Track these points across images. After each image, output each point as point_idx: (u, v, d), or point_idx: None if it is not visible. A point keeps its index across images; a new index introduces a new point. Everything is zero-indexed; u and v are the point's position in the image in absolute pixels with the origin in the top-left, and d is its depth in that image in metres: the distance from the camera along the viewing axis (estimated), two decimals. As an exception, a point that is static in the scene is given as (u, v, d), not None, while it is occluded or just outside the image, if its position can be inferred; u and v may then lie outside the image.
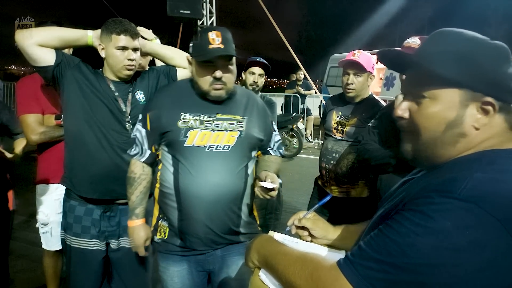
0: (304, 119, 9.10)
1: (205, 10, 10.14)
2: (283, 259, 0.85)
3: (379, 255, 0.68)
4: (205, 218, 1.56)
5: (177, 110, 1.59)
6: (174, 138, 1.56)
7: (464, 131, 0.75)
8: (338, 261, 0.74)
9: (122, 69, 1.82)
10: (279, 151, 1.83)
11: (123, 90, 1.87)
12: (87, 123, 1.80)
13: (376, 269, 0.68)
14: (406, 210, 0.70)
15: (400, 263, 0.65)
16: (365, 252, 0.71)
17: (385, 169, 1.87)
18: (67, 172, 1.91)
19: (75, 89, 1.80)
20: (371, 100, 2.41)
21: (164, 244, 1.66)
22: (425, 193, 0.69)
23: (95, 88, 1.82)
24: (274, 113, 2.73)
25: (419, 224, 0.66)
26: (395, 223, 0.70)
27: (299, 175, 6.31)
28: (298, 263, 0.81)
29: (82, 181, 1.85)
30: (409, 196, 0.74)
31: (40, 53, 1.75)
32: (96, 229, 1.88)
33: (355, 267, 0.70)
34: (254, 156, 1.72)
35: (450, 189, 0.67)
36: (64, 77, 1.80)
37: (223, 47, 1.50)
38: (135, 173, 1.66)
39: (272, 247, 0.93)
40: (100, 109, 1.81)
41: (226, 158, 1.57)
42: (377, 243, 0.70)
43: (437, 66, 0.75)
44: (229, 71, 1.57)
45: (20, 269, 3.04)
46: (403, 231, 0.67)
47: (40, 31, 1.77)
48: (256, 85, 2.69)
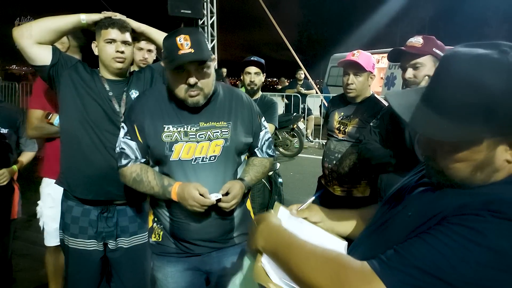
0: (304, 119, 9.10)
1: (205, 10, 10.15)
2: (299, 252, 0.78)
3: (423, 265, 0.64)
4: (197, 227, 1.54)
5: (159, 122, 1.52)
6: (159, 153, 1.51)
7: (496, 167, 0.72)
8: (370, 263, 0.70)
9: (112, 62, 1.81)
10: (267, 151, 1.73)
11: (118, 89, 1.86)
12: (81, 123, 1.79)
13: (419, 279, 0.64)
14: (453, 224, 0.66)
15: (449, 279, 0.62)
16: (405, 259, 0.67)
17: (386, 168, 1.88)
18: (62, 173, 1.91)
19: (70, 89, 1.80)
20: (372, 100, 2.41)
21: (158, 246, 1.64)
22: (473, 211, 0.66)
23: (90, 88, 1.81)
24: (275, 113, 2.74)
25: (472, 241, 0.62)
26: (441, 235, 0.65)
27: (300, 174, 6.31)
28: (319, 258, 0.75)
29: (77, 182, 1.85)
30: (445, 209, 0.70)
31: (38, 52, 1.75)
32: (94, 230, 1.88)
33: (394, 273, 0.66)
34: (244, 160, 1.67)
35: (503, 210, 0.64)
36: (60, 77, 1.80)
37: (193, 51, 1.40)
38: (135, 170, 1.55)
39: (283, 237, 0.86)
40: (94, 110, 1.80)
41: (213, 169, 1.52)
42: (421, 252, 0.66)
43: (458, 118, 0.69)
44: (204, 75, 1.47)
45: (21, 268, 3.05)
46: (454, 245, 0.63)
47: (37, 27, 1.73)
48: (253, 84, 2.70)
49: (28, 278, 2.93)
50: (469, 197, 0.71)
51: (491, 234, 0.62)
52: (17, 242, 3.32)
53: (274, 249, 0.85)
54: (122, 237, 1.94)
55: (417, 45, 1.80)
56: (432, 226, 0.69)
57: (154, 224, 1.67)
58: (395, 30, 27.97)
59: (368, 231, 0.93)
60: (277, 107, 2.79)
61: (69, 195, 1.89)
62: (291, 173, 6.36)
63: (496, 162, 0.72)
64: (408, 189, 0.88)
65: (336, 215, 1.10)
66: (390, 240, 0.76)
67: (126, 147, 1.55)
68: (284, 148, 7.66)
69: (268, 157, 1.73)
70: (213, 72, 1.53)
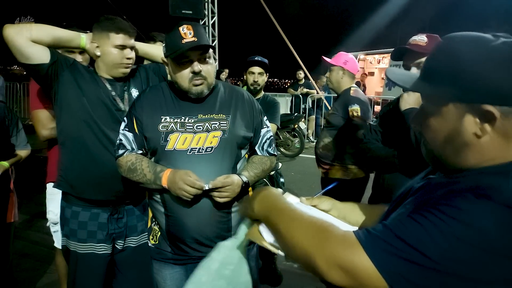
0: (305, 119, 9.09)
1: (207, 10, 10.16)
2: (288, 215, 0.80)
3: (405, 237, 0.65)
4: (192, 224, 1.52)
5: (158, 113, 1.54)
6: (155, 143, 1.52)
7: (465, 140, 0.74)
8: (355, 232, 0.70)
9: (120, 67, 1.80)
10: (267, 150, 1.71)
11: (119, 88, 1.85)
12: (86, 123, 1.76)
13: (400, 249, 0.65)
14: (440, 204, 0.67)
15: (431, 254, 0.63)
16: (390, 230, 0.68)
17: (388, 168, 1.86)
18: (64, 175, 1.84)
19: (73, 88, 1.76)
20: (344, 92, 2.68)
21: (156, 250, 1.64)
22: (460, 193, 0.67)
23: (93, 87, 1.79)
24: (277, 113, 2.74)
25: (455, 219, 0.63)
26: (426, 213, 0.67)
27: (301, 174, 6.31)
28: (305, 221, 0.76)
29: (84, 183, 1.80)
30: (435, 195, 0.72)
31: (35, 50, 1.68)
32: (104, 233, 1.84)
33: (377, 242, 0.67)
34: (244, 156, 1.65)
35: (488, 193, 0.65)
36: (60, 76, 1.76)
37: (196, 39, 1.45)
38: (130, 159, 1.56)
39: (278, 202, 0.87)
40: (100, 109, 1.77)
41: (210, 161, 1.50)
42: (406, 226, 0.67)
43: (429, 83, 0.76)
44: (207, 64, 1.51)
45: (23, 268, 3.04)
46: (437, 222, 0.64)
47: (37, 28, 1.70)
48: (256, 84, 2.70)
49: (30, 278, 2.93)
50: (459, 182, 0.72)
51: (473, 213, 0.63)
52: (19, 242, 3.33)
53: (267, 211, 0.87)
54: (131, 236, 1.92)
55: (421, 43, 1.77)
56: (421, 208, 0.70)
57: (152, 224, 1.67)
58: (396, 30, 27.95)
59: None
60: (279, 107, 2.79)
61: (72, 199, 1.84)
62: (292, 173, 6.36)
63: (465, 134, 0.73)
64: (412, 191, 0.88)
65: (347, 206, 1.08)
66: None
67: (124, 138, 1.58)
68: (285, 148, 7.66)
69: (268, 156, 1.71)
70: (214, 63, 1.56)
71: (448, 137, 0.76)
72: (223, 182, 1.46)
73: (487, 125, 0.72)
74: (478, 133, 0.73)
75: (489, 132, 0.72)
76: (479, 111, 0.71)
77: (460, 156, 0.76)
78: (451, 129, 0.75)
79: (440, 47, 0.78)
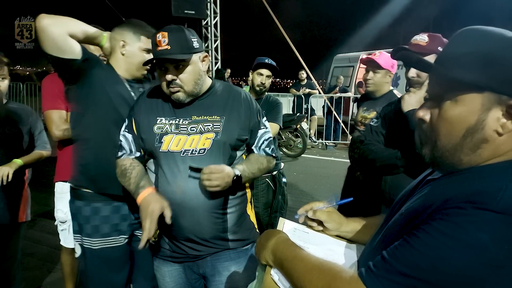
0: (308, 119, 9.08)
1: (209, 11, 10.18)
2: (300, 265, 0.83)
3: (406, 269, 0.64)
4: (187, 224, 1.52)
5: (154, 115, 1.56)
6: (150, 144, 1.54)
7: (486, 137, 0.70)
8: (359, 273, 0.71)
9: (143, 70, 1.84)
10: (265, 150, 1.68)
11: (136, 89, 1.86)
12: (114, 123, 1.74)
13: (404, 284, 0.64)
14: (435, 220, 0.65)
15: (431, 279, 0.62)
16: (390, 264, 0.67)
17: (391, 170, 1.83)
18: (84, 171, 1.82)
19: (103, 87, 1.75)
20: (389, 95, 2.56)
21: (156, 247, 1.64)
22: (455, 204, 0.65)
23: (118, 87, 1.79)
24: (280, 113, 2.74)
25: (453, 237, 0.62)
26: (423, 234, 0.65)
27: (303, 175, 6.31)
28: (315, 271, 0.78)
29: (110, 179, 1.74)
30: (433, 203, 0.69)
31: (71, 44, 1.63)
32: (126, 224, 1.84)
33: (380, 281, 0.67)
34: (239, 157, 1.63)
35: (485, 201, 0.63)
36: (90, 73, 1.73)
37: (169, 48, 1.42)
38: (125, 164, 1.58)
39: (289, 251, 0.90)
40: (123, 108, 1.76)
41: (202, 162, 1.48)
42: (404, 255, 0.66)
43: (457, 69, 0.70)
44: (183, 72, 1.48)
45: (26, 267, 3.05)
46: (434, 244, 0.63)
47: (73, 21, 1.67)
48: (263, 86, 2.73)
49: (33, 277, 2.94)
50: (458, 186, 0.70)
51: (470, 226, 0.61)
52: (22, 241, 3.34)
53: (281, 261, 0.90)
54: None
55: (422, 43, 1.74)
56: (418, 224, 0.69)
57: None
58: (398, 30, 27.90)
59: (373, 235, 0.93)
60: (281, 107, 2.79)
61: (90, 195, 1.80)
62: (294, 173, 6.36)
63: (486, 131, 0.70)
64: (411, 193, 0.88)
65: (353, 226, 1.09)
66: (385, 241, 0.77)
67: (123, 140, 1.60)
68: (287, 148, 7.66)
69: (265, 155, 1.69)
70: (198, 69, 1.52)
71: (468, 131, 0.71)
72: (212, 167, 1.44)
73: (510, 122, 0.69)
74: (500, 131, 0.70)
75: (511, 130, 0.69)
76: (508, 106, 0.68)
77: (470, 153, 0.72)
78: (474, 121, 0.70)
79: (466, 34, 0.74)
